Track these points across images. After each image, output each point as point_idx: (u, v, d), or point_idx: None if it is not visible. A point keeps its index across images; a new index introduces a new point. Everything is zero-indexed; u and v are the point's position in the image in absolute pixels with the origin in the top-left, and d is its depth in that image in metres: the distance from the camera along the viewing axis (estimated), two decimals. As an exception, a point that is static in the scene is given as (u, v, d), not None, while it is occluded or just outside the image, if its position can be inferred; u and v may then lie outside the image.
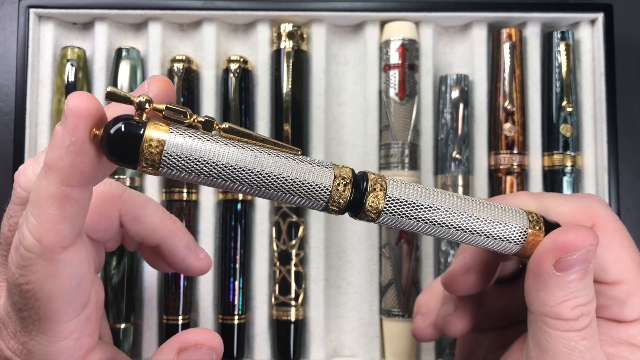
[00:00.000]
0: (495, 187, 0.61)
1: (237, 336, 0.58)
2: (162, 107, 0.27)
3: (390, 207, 0.30)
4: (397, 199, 0.30)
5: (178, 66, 0.60)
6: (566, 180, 0.60)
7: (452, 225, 0.31)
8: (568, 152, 0.60)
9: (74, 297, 0.28)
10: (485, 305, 0.41)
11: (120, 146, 0.27)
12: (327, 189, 0.29)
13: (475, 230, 0.31)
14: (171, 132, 0.27)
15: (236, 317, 0.58)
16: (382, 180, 0.30)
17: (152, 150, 0.27)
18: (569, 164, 0.60)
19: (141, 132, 0.27)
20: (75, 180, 0.27)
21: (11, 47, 0.64)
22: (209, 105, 0.60)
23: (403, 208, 0.30)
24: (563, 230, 0.31)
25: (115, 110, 0.28)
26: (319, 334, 0.59)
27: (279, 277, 0.59)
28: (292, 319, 0.58)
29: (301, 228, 0.59)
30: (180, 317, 0.58)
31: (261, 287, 0.59)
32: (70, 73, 0.59)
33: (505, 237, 0.31)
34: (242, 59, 0.61)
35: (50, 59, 0.60)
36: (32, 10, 0.59)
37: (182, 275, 0.58)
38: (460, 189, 0.60)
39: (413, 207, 0.30)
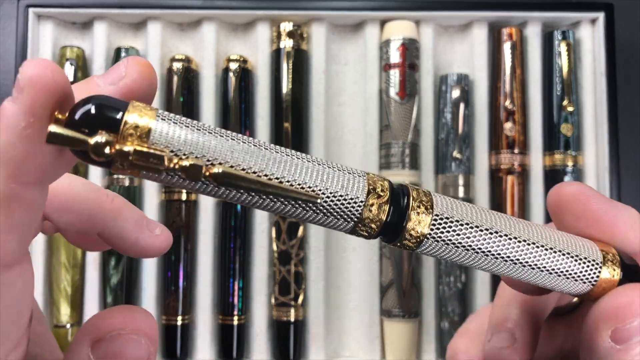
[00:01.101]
0: (496, 187, 0.61)
1: (236, 337, 0.58)
2: (130, 149, 0.20)
3: (437, 232, 0.23)
4: (447, 222, 0.24)
5: (177, 66, 0.60)
6: (567, 180, 0.60)
7: (515, 258, 0.24)
8: (569, 152, 0.60)
9: (9, 333, 0.21)
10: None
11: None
12: (359, 206, 0.22)
13: (543, 265, 0.25)
14: (159, 119, 0.20)
15: (236, 318, 0.58)
16: (427, 196, 0.24)
17: (132, 142, 0.20)
18: (570, 163, 0.60)
19: (119, 117, 0.20)
20: (30, 176, 0.20)
21: (10, 46, 0.64)
22: (208, 105, 0.60)
23: (453, 234, 0.24)
24: (614, 293, 0.25)
25: (86, 89, 0.22)
26: (318, 334, 0.58)
27: (278, 278, 0.58)
28: (292, 319, 0.58)
29: (301, 228, 0.59)
30: (179, 318, 0.57)
31: (261, 288, 0.59)
32: (69, 72, 0.59)
33: (576, 275, 0.25)
34: (241, 59, 0.60)
35: (49, 58, 0.60)
36: (31, 10, 0.59)
37: (181, 276, 0.58)
38: (460, 189, 0.59)
39: (466, 232, 0.24)
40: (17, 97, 0.19)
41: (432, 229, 0.23)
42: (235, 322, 0.58)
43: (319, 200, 0.22)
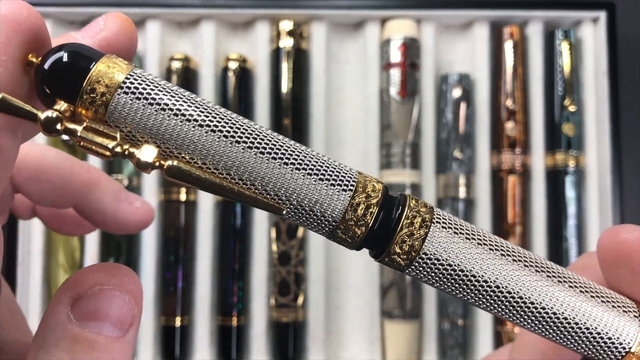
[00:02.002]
0: (497, 187, 0.60)
1: (235, 338, 0.58)
2: (80, 127, 0.19)
3: (430, 258, 0.20)
4: (448, 241, 0.20)
5: (177, 65, 0.59)
6: (569, 180, 0.59)
7: (531, 302, 0.20)
8: (571, 152, 0.59)
9: None
10: None
11: (61, 83, 0.19)
12: (340, 207, 0.20)
13: (567, 329, 0.20)
14: (133, 76, 0.19)
15: (235, 319, 0.58)
16: (427, 210, 0.20)
17: (97, 95, 0.18)
18: (571, 163, 0.59)
19: (91, 66, 0.19)
20: (2, 119, 0.18)
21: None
22: (207, 105, 0.60)
23: (454, 258, 0.20)
24: None
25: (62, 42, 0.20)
26: (318, 336, 0.58)
27: (278, 279, 0.58)
28: (292, 320, 0.58)
29: (301, 229, 0.58)
30: (178, 319, 0.57)
31: (260, 289, 0.58)
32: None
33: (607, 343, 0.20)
34: (241, 58, 0.60)
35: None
36: (29, 9, 0.59)
37: (180, 277, 0.58)
38: (461, 189, 0.59)
39: (468, 258, 0.20)
40: None
41: (424, 252, 0.19)
42: (235, 323, 0.58)
43: (284, 212, 0.20)
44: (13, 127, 0.19)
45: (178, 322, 0.57)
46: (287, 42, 0.60)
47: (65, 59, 0.19)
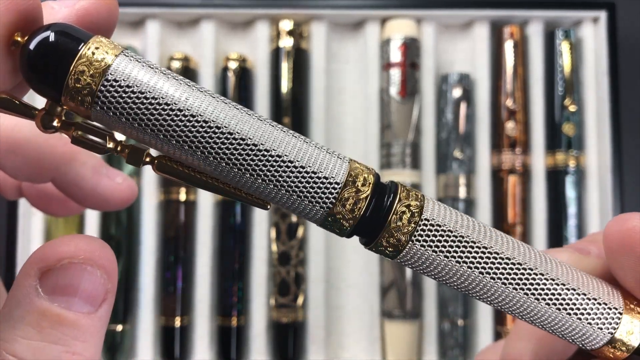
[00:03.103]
0: (498, 187, 0.60)
1: (235, 338, 0.58)
2: (73, 131, 0.19)
3: (422, 240, 0.20)
4: (436, 230, 0.20)
5: (176, 65, 0.59)
6: (569, 180, 0.59)
7: (514, 285, 0.20)
8: (571, 152, 0.59)
9: None
10: None
11: (46, 64, 0.18)
12: (335, 190, 0.19)
13: (550, 301, 0.20)
14: (123, 55, 0.18)
15: (235, 319, 0.58)
16: (418, 199, 0.20)
17: (86, 76, 0.18)
18: (572, 163, 0.59)
19: (78, 47, 0.18)
20: None
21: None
22: (207, 104, 0.60)
23: (442, 246, 0.20)
24: None
25: (58, 14, 0.20)
26: (318, 336, 0.58)
27: (278, 279, 0.58)
28: (292, 321, 0.57)
29: (301, 229, 0.58)
30: (177, 319, 0.57)
31: (260, 289, 0.58)
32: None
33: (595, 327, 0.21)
34: (241, 58, 0.60)
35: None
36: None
37: (179, 277, 0.57)
38: (461, 189, 0.59)
39: (459, 247, 0.20)
40: None
41: (416, 237, 0.20)
42: (235, 324, 0.58)
43: (268, 207, 0.20)
44: None
45: (178, 322, 0.57)
46: (287, 42, 0.60)
47: (51, 39, 0.18)
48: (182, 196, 0.58)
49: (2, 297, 0.25)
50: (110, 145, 0.19)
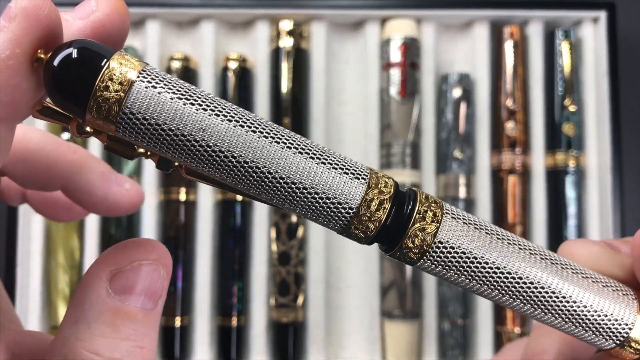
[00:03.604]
0: (498, 187, 0.60)
1: (235, 338, 0.58)
2: (105, 141, 0.19)
3: (442, 249, 0.20)
4: (453, 243, 0.20)
5: (176, 65, 0.59)
6: (569, 180, 0.59)
7: (533, 288, 0.21)
8: (571, 152, 0.59)
9: None
10: None
11: (71, 81, 0.18)
12: (349, 215, 0.20)
13: (572, 313, 0.21)
14: (144, 73, 0.18)
15: (235, 319, 0.58)
16: (437, 205, 0.21)
17: (110, 93, 0.18)
18: (572, 163, 0.59)
19: (102, 63, 0.18)
20: (5, 110, 0.18)
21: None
22: (207, 104, 0.60)
23: (462, 253, 0.20)
24: None
25: (72, 26, 0.20)
26: (318, 336, 0.58)
27: (278, 279, 0.58)
28: (292, 320, 0.57)
29: (301, 228, 0.58)
30: (177, 319, 0.57)
31: (260, 289, 0.58)
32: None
33: (605, 331, 0.22)
34: (241, 58, 0.60)
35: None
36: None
37: (179, 277, 0.57)
38: (461, 189, 0.59)
39: (479, 251, 0.20)
40: (5, 25, 0.18)
41: (437, 245, 0.20)
42: (235, 324, 0.58)
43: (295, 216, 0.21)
44: (13, 118, 0.19)
45: (178, 322, 0.57)
46: (287, 42, 0.60)
47: (75, 55, 0.18)
48: (182, 196, 0.58)
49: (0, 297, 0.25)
50: (141, 150, 0.20)
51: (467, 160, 0.59)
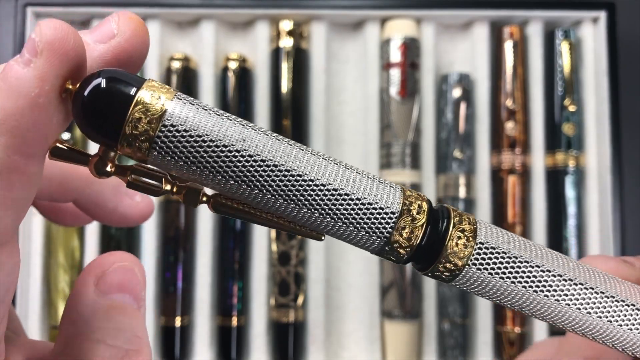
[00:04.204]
0: (497, 187, 0.60)
1: (235, 338, 0.58)
2: (128, 176, 0.19)
3: (478, 264, 0.20)
4: (491, 253, 0.20)
5: (176, 65, 0.59)
6: (569, 180, 0.59)
7: (568, 304, 0.21)
8: (571, 152, 0.59)
9: None
10: None
11: (102, 112, 0.18)
12: (392, 220, 0.19)
13: (602, 316, 0.21)
14: (177, 99, 0.18)
15: (235, 319, 0.58)
16: (470, 223, 0.20)
17: (143, 123, 0.18)
18: (571, 163, 0.59)
19: (132, 93, 0.18)
20: (35, 148, 0.18)
21: (8, 46, 0.63)
22: (207, 104, 0.60)
23: (498, 268, 0.20)
24: None
25: (94, 52, 0.19)
26: (318, 336, 0.58)
27: (278, 279, 0.58)
28: (292, 320, 0.57)
29: (301, 228, 0.58)
30: (177, 319, 0.57)
31: (260, 289, 0.58)
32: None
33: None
34: (241, 58, 0.60)
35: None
36: (29, 9, 0.59)
37: (179, 277, 0.57)
38: (461, 189, 0.59)
39: (514, 268, 0.20)
40: (31, 60, 0.17)
41: (472, 261, 0.20)
42: (235, 324, 0.58)
43: (322, 239, 0.20)
44: (44, 153, 0.19)
45: (178, 322, 0.57)
46: (287, 42, 0.60)
47: (103, 86, 0.18)
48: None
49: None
50: (167, 187, 0.20)
51: (467, 160, 0.59)
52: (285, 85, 0.59)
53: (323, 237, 0.20)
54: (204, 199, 0.20)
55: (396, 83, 0.59)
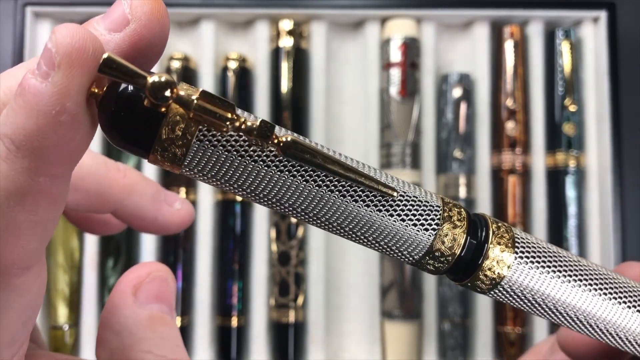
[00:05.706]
0: (498, 187, 0.60)
1: (235, 338, 0.58)
2: (194, 96, 0.16)
3: (518, 274, 0.20)
4: (532, 263, 0.20)
5: (176, 65, 0.59)
6: (569, 180, 0.59)
7: (610, 317, 0.21)
8: (571, 152, 0.59)
9: (18, 337, 0.19)
10: None
11: (132, 121, 0.16)
12: (430, 236, 0.19)
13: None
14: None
15: (235, 319, 0.58)
16: (508, 232, 0.20)
17: (178, 127, 0.16)
18: (572, 163, 0.59)
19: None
20: (59, 168, 0.17)
21: (7, 45, 0.63)
22: (207, 104, 0.60)
23: (537, 279, 0.20)
24: None
25: (110, 43, 0.18)
26: (318, 336, 0.58)
27: (278, 279, 0.58)
28: (292, 321, 0.57)
29: (301, 229, 0.58)
30: (177, 319, 0.57)
31: (260, 289, 0.58)
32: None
33: None
34: (241, 58, 0.60)
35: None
36: (28, 9, 0.58)
37: (179, 277, 0.57)
38: (462, 189, 0.59)
39: (554, 279, 0.20)
40: (48, 73, 0.15)
41: (513, 271, 0.19)
42: (235, 324, 0.58)
43: (395, 194, 0.19)
44: (69, 171, 0.18)
45: (178, 322, 0.57)
46: (286, 42, 0.60)
47: (131, 91, 0.16)
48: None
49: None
50: (235, 119, 0.17)
51: (467, 160, 0.59)
52: (285, 85, 0.59)
53: (397, 193, 0.19)
54: (276, 140, 0.17)
55: (396, 83, 0.59)
